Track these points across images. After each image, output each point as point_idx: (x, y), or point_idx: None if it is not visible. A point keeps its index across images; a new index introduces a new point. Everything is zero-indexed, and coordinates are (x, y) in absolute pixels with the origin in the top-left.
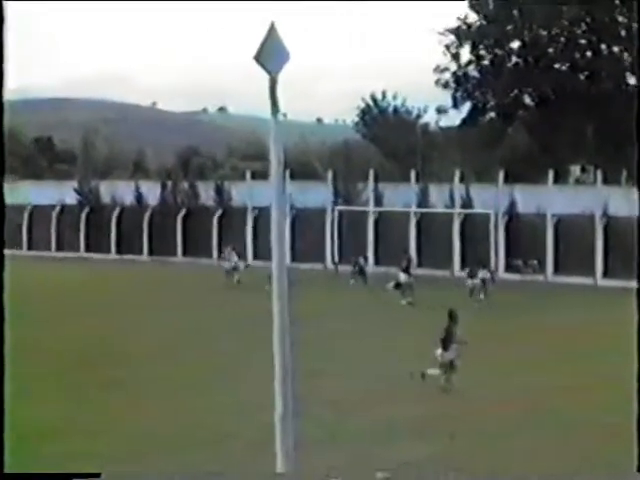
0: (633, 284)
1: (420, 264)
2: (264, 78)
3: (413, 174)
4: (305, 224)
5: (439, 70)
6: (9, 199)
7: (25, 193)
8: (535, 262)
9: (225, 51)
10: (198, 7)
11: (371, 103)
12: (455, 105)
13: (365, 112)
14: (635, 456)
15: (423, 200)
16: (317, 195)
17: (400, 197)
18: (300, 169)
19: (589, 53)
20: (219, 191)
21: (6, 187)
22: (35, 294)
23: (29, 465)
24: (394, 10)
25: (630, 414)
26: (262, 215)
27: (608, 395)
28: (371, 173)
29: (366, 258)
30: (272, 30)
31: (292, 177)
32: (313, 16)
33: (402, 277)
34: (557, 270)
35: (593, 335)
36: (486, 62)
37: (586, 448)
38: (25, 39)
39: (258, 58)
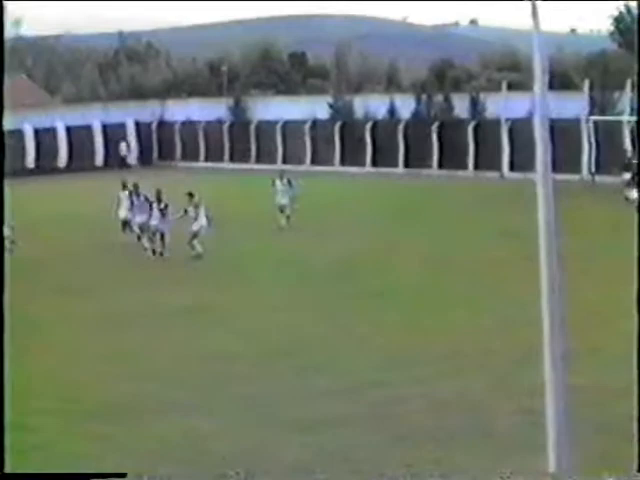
0: None
1: None
2: None
3: None
4: (561, 134)
5: None
6: (261, 115)
7: (278, 108)
8: None
9: None
10: None
11: (624, 11)
12: None
13: (619, 21)
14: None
15: None
16: (573, 105)
17: None
18: (556, 80)
19: None
20: (474, 103)
21: (261, 103)
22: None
23: None
24: None
25: None
26: (516, 126)
27: None
28: (628, 82)
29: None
30: None
31: (549, 88)
32: None
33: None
34: None
35: None
36: None
37: None
38: None
39: None
